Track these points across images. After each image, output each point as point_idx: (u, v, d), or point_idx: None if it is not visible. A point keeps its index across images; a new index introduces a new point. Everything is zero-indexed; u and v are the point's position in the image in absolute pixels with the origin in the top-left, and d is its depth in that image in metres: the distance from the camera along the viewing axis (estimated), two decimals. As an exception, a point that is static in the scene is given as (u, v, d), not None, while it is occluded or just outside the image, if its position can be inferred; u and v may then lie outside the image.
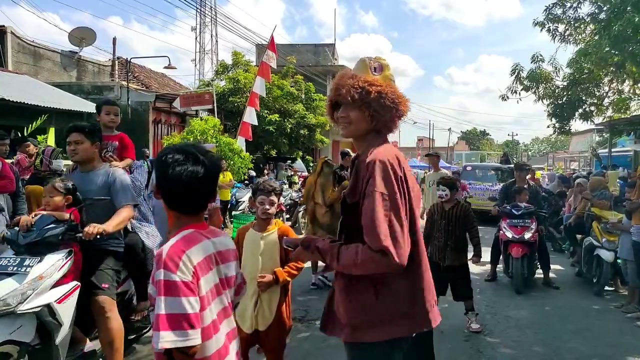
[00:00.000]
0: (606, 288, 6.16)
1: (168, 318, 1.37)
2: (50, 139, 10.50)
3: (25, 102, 9.17)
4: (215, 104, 11.17)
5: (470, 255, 4.82)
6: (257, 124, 11.62)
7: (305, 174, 15.71)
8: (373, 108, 1.78)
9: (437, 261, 4.63)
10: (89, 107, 11.18)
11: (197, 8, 25.65)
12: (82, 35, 15.44)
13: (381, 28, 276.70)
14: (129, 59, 13.25)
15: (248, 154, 10.84)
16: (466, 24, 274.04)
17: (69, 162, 5.07)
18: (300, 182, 13.32)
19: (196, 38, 31.17)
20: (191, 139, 9.92)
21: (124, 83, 12.65)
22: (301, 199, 11.17)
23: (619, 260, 5.85)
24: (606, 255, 5.87)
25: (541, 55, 14.53)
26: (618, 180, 9.47)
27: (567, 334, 4.67)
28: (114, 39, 17.11)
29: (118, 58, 16.45)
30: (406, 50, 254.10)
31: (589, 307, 5.64)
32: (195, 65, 30.25)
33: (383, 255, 1.60)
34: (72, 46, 15.53)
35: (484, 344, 4.31)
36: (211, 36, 31.22)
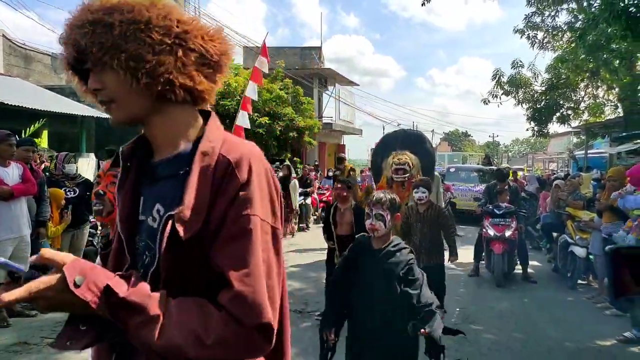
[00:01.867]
0: (579, 282, 6.67)
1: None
2: (44, 142, 10.66)
3: (25, 106, 9.34)
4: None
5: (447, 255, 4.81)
6: (249, 127, 11.93)
7: (294, 175, 16.05)
8: (129, 53, 0.94)
9: None
10: (84, 110, 11.37)
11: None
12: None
13: (363, 29, 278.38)
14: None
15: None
16: (447, 27, 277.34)
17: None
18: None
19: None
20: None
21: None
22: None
23: (590, 256, 6.36)
24: (579, 251, 6.38)
25: (521, 61, 15.20)
26: (592, 181, 10.06)
27: (544, 322, 5.14)
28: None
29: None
30: (388, 52, 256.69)
31: (563, 299, 6.14)
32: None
33: (260, 333, 0.93)
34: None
35: (469, 332, 4.74)
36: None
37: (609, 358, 4.20)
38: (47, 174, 5.81)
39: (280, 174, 10.69)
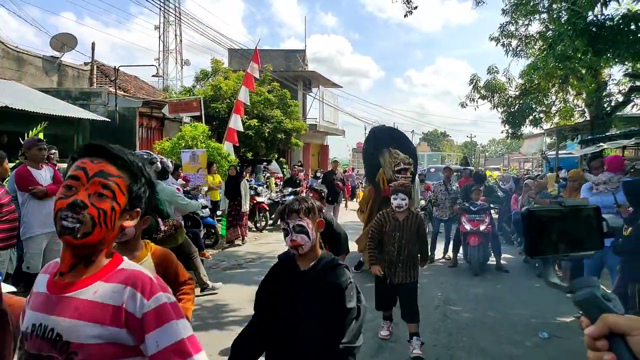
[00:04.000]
0: (546, 270, 7.49)
1: (192, 341, 1.16)
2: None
3: (27, 110, 9.74)
4: (202, 112, 12.00)
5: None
6: (242, 129, 12.53)
7: (280, 175, 16.67)
8: None
9: (387, 277, 4.37)
10: (81, 113, 11.78)
11: (160, 6, 25.02)
12: (64, 41, 15.87)
13: (341, 29, 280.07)
14: (117, 67, 13.82)
15: (234, 157, 11.74)
16: (424, 28, 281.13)
17: None
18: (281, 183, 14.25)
19: (160, 37, 31.26)
20: (182, 144, 10.74)
21: (111, 89, 13.26)
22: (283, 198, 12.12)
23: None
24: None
25: (496, 67, 16.14)
26: (562, 180, 10.95)
27: (514, 304, 5.92)
28: (93, 44, 17.55)
29: (100, 64, 16.90)
30: (367, 52, 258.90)
31: (532, 285, 6.94)
32: (159, 64, 30.20)
33: None
34: (53, 51, 15.94)
35: (450, 312, 5.50)
36: (175, 35, 31.45)
37: (565, 329, 4.99)
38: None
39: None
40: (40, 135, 11.34)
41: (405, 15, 11.93)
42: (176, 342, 1.14)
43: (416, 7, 11.32)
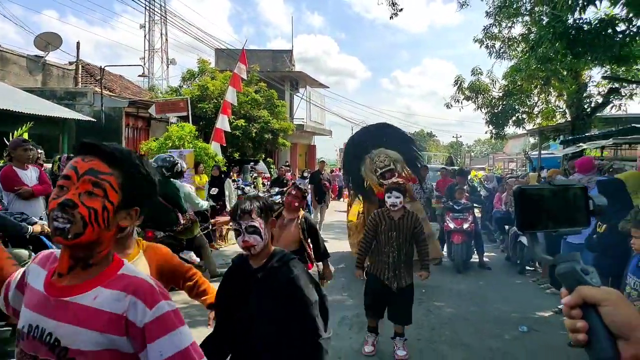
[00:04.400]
0: (527, 268, 7.70)
1: (195, 347, 1.18)
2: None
3: (13, 110, 9.67)
4: (190, 112, 12.01)
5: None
6: (229, 130, 12.57)
7: (267, 175, 16.72)
8: None
9: (386, 283, 4.11)
10: (67, 113, 11.72)
11: (145, 5, 24.71)
12: (48, 40, 15.74)
13: (328, 29, 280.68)
14: (102, 67, 13.76)
15: (222, 157, 11.77)
16: (409, 29, 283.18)
17: None
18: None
19: (145, 36, 31.01)
20: (170, 145, 10.74)
21: (97, 89, 13.20)
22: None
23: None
24: (524, 238, 7.39)
25: (480, 69, 16.40)
26: (543, 179, 11.21)
27: (495, 299, 6.08)
28: (78, 44, 17.43)
29: (85, 64, 16.78)
30: (353, 52, 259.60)
31: (513, 281, 7.13)
32: (145, 64, 29.90)
33: None
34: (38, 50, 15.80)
35: (433, 307, 5.64)
36: (161, 34, 31.22)
37: (543, 323, 5.17)
38: (53, 176, 6.33)
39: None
40: (25, 136, 11.27)
41: (391, 17, 12.10)
42: (180, 352, 1.14)
43: (402, 9, 11.50)
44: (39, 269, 1.26)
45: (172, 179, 5.81)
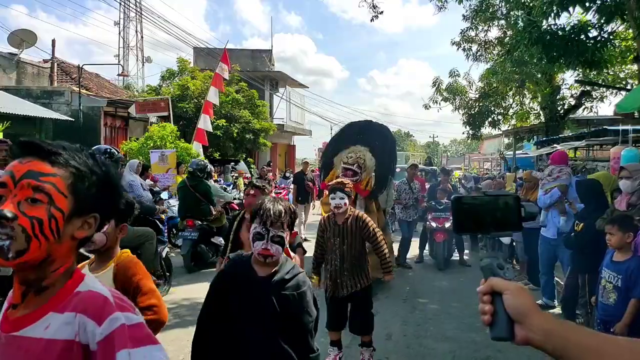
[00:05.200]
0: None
1: None
2: None
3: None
4: (171, 112, 11.95)
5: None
6: (211, 130, 12.56)
7: (248, 175, 16.72)
8: None
9: (334, 293, 3.84)
10: (45, 112, 11.51)
11: (120, 1, 23.78)
12: (23, 37, 15.40)
13: (305, 29, 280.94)
14: (80, 66, 13.54)
15: (203, 157, 11.75)
16: (386, 30, 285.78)
17: None
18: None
19: (120, 33, 30.36)
20: (151, 145, 10.68)
21: (75, 88, 13.00)
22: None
23: (514, 243, 7.62)
24: (504, 239, 7.64)
25: (457, 71, 16.80)
26: (519, 179, 11.57)
27: (476, 295, 6.21)
28: (53, 41, 17.09)
29: (60, 62, 16.45)
30: (331, 52, 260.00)
31: (492, 278, 7.36)
32: (119, 61, 29.29)
33: None
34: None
35: (417, 303, 5.82)
36: (136, 31, 30.71)
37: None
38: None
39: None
40: (0, 135, 11.06)
41: (372, 20, 12.30)
42: None
43: (382, 12, 11.68)
44: (4, 305, 1.05)
45: (204, 179, 7.30)
